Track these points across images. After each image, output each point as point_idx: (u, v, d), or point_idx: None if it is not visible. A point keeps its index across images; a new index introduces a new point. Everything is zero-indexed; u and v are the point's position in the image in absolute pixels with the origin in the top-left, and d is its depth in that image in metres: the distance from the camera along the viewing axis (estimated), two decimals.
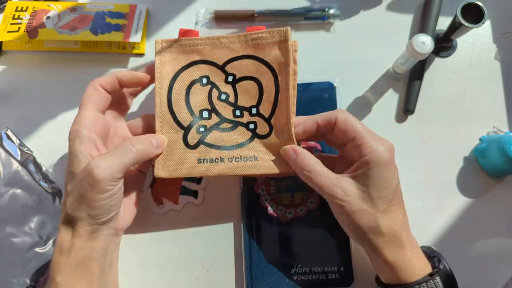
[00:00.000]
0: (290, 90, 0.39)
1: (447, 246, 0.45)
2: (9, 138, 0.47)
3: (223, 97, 0.41)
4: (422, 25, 0.51)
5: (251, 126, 0.40)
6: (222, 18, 0.51)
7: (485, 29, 0.52)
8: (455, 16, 0.44)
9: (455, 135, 0.48)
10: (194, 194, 0.45)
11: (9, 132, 0.47)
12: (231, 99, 0.41)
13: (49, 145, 0.47)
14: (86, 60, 0.50)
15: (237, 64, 0.41)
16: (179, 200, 0.45)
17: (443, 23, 0.51)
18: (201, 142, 0.40)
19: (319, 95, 0.47)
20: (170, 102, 0.40)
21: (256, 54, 0.41)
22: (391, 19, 0.53)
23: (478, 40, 0.52)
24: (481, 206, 0.46)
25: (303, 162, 0.36)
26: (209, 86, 0.41)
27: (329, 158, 0.41)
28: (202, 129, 0.40)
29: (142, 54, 0.51)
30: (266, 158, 0.40)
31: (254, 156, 0.40)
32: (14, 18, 0.48)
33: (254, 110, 0.41)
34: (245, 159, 0.40)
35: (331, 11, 0.51)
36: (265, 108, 0.40)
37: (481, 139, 0.48)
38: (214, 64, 0.41)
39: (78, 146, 0.35)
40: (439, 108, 0.49)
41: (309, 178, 0.36)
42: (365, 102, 0.49)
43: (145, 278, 0.43)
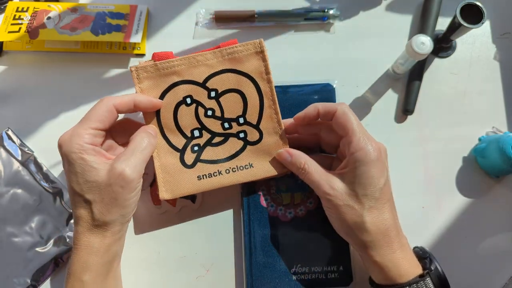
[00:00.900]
0: (274, 94, 0.42)
1: (447, 246, 0.45)
2: (10, 138, 0.47)
3: (210, 113, 0.42)
4: (422, 25, 0.51)
5: (242, 135, 0.42)
6: (222, 19, 0.51)
7: (484, 29, 0.52)
8: (455, 16, 0.44)
9: (455, 135, 0.48)
10: (192, 198, 0.45)
11: (10, 132, 0.47)
12: (218, 114, 0.42)
13: (50, 145, 0.47)
14: (86, 60, 0.51)
15: (217, 79, 0.42)
16: (177, 202, 0.45)
17: (443, 24, 0.51)
18: (197, 160, 0.42)
19: (318, 97, 0.47)
20: (161, 129, 0.42)
21: (234, 67, 0.42)
22: (391, 20, 0.53)
23: (477, 40, 0.52)
24: (480, 206, 0.46)
25: (298, 161, 0.39)
26: (194, 105, 0.42)
27: (326, 158, 0.43)
28: (196, 148, 0.42)
29: (142, 55, 0.51)
30: (261, 163, 0.42)
31: (249, 163, 0.42)
32: (15, 19, 0.48)
33: (241, 120, 0.42)
34: (241, 168, 0.42)
35: (331, 12, 0.51)
36: (251, 115, 0.42)
37: (480, 139, 0.48)
38: (194, 82, 0.42)
39: (90, 157, 0.35)
40: (439, 108, 0.49)
41: (303, 175, 0.39)
42: (364, 102, 0.49)
43: (145, 278, 0.43)
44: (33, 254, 0.43)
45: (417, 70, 0.49)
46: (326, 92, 0.47)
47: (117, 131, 0.41)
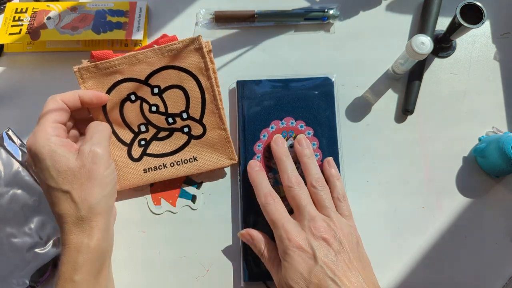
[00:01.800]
0: (215, 89, 0.44)
1: (447, 246, 0.45)
2: (10, 138, 0.47)
3: (154, 108, 0.44)
4: (422, 25, 0.51)
5: (186, 129, 0.45)
6: (222, 19, 0.51)
7: (484, 29, 0.52)
8: (455, 16, 0.44)
9: (454, 135, 0.48)
10: (193, 198, 0.46)
11: (10, 132, 0.47)
12: (162, 109, 0.44)
13: None
14: (87, 59, 0.50)
15: (158, 76, 0.44)
16: (177, 202, 0.45)
17: (443, 24, 0.51)
18: (144, 154, 0.44)
19: (317, 90, 0.47)
20: (110, 124, 0.43)
21: (174, 63, 0.43)
22: (391, 20, 0.53)
23: (477, 40, 0.52)
24: (480, 206, 0.46)
25: (258, 245, 0.40)
26: (139, 102, 0.44)
27: None
28: (143, 142, 0.44)
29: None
30: (206, 156, 0.44)
31: (193, 156, 0.44)
32: (14, 20, 0.48)
33: (185, 115, 0.44)
34: (185, 161, 0.44)
35: (331, 12, 0.51)
36: (194, 111, 0.44)
37: (480, 139, 0.48)
38: (137, 80, 0.43)
39: (57, 147, 0.36)
40: (439, 108, 0.49)
41: (262, 259, 0.40)
42: (364, 102, 0.49)
43: (145, 278, 0.43)
44: (32, 255, 0.43)
45: (417, 70, 0.49)
46: (325, 86, 0.47)
47: (81, 124, 0.43)
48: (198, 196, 0.46)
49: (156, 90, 0.44)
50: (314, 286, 0.34)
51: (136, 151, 0.44)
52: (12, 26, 0.48)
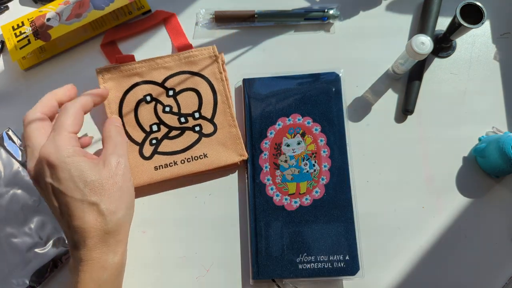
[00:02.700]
0: (227, 92, 0.47)
1: (447, 246, 0.45)
2: (10, 138, 0.47)
3: (167, 109, 0.47)
4: (422, 25, 0.51)
5: (197, 128, 0.46)
6: (222, 19, 0.51)
7: (484, 29, 0.52)
8: (455, 16, 0.44)
9: (454, 135, 0.48)
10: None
11: (10, 132, 0.47)
12: (175, 110, 0.47)
13: None
14: (89, 53, 0.51)
15: (175, 79, 0.47)
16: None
17: (443, 24, 0.51)
18: (155, 152, 0.45)
19: (324, 86, 0.47)
20: (123, 124, 0.45)
21: (190, 69, 0.47)
22: (391, 20, 0.53)
23: (477, 40, 0.52)
24: (480, 206, 0.46)
25: None
26: (153, 103, 0.47)
27: None
28: (154, 141, 0.46)
29: (149, 11, 0.52)
30: (216, 153, 0.45)
31: (204, 153, 0.45)
32: (17, 36, 0.47)
33: (197, 115, 0.47)
34: (195, 158, 0.45)
35: (331, 12, 0.51)
36: (206, 111, 0.47)
37: (480, 139, 0.48)
38: (154, 82, 0.47)
39: (82, 158, 0.35)
40: (439, 108, 0.49)
41: None
42: (364, 102, 0.49)
43: (145, 278, 0.43)
44: (32, 255, 0.43)
45: (417, 70, 0.49)
46: (332, 81, 0.48)
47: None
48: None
49: (171, 92, 0.47)
50: None
51: (147, 150, 0.45)
52: (18, 41, 0.47)
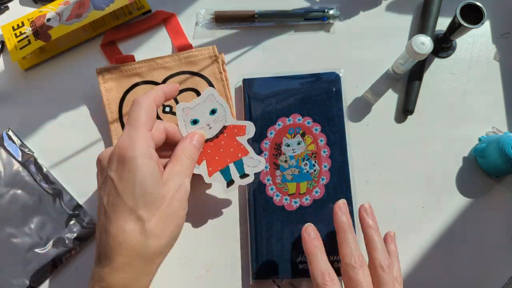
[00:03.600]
0: (227, 92, 0.47)
1: (447, 246, 0.45)
2: (10, 138, 0.47)
3: (167, 109, 0.47)
4: (422, 25, 0.51)
5: None
6: (222, 19, 0.51)
7: (484, 29, 0.52)
8: (455, 16, 0.44)
9: (455, 135, 0.48)
10: (229, 183, 0.41)
11: (10, 132, 0.47)
12: (175, 110, 0.46)
13: (50, 146, 0.47)
14: (89, 53, 0.51)
15: (175, 79, 0.47)
16: (215, 175, 0.40)
17: (443, 24, 0.51)
18: None
19: (324, 86, 0.47)
20: (122, 124, 0.46)
21: (190, 69, 0.47)
22: (391, 20, 0.53)
23: (477, 40, 0.52)
24: (480, 206, 0.46)
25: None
26: None
27: None
28: None
29: (149, 11, 0.51)
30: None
31: None
32: (17, 36, 0.47)
33: None
34: None
35: (331, 12, 0.51)
36: None
37: (480, 139, 0.48)
38: (154, 83, 0.47)
39: (154, 164, 0.31)
40: (439, 108, 0.49)
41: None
42: (364, 103, 0.49)
43: None
44: (32, 255, 0.43)
45: (417, 70, 0.49)
46: (332, 81, 0.47)
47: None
48: (235, 184, 0.41)
49: None
50: None
51: None
52: (18, 41, 0.47)
